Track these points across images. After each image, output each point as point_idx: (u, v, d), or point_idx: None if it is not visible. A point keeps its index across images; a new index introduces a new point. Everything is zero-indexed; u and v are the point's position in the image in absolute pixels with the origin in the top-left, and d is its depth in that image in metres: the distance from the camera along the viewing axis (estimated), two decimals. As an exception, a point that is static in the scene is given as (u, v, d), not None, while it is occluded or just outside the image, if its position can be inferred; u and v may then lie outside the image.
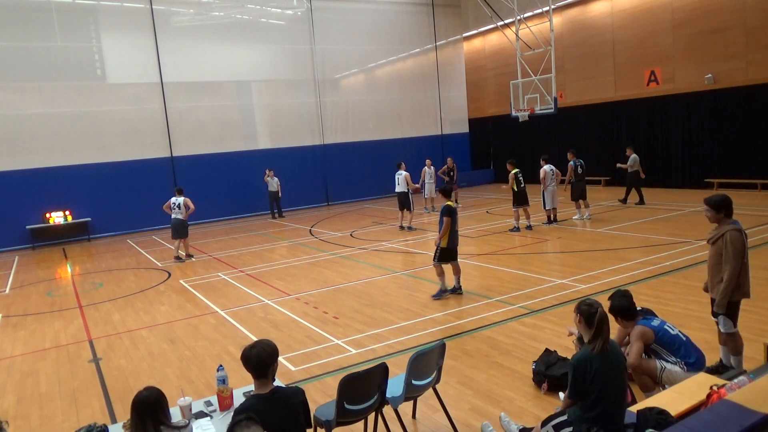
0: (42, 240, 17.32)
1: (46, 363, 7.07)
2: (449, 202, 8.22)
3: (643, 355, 4.73)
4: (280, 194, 19.45)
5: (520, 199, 13.07)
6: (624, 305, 4.72)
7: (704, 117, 17.65)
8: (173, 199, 13.02)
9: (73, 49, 17.96)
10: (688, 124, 18.12)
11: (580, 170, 13.95)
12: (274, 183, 19.28)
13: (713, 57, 17.11)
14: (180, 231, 13.03)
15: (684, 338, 4.73)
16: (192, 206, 13.05)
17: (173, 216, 12.95)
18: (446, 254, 8.21)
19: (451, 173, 18.10)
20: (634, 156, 15.46)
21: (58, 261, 14.94)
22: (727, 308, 4.91)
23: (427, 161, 17.85)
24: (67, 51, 17.82)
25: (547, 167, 13.37)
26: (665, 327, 4.71)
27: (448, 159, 18.67)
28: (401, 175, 14.78)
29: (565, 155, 14.49)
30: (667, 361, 4.62)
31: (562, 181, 14.11)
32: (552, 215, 13.79)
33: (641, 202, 15.59)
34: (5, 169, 17.04)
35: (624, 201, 15.93)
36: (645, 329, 4.65)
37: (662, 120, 18.81)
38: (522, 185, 13.09)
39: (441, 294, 8.32)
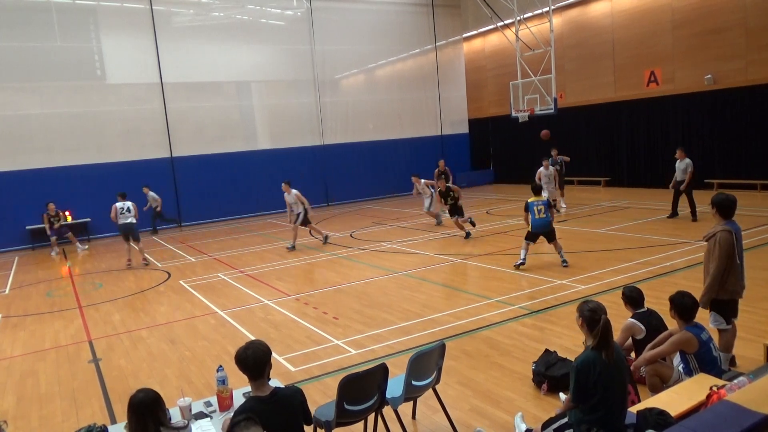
0: (42, 240, 17.27)
1: (45, 363, 7.06)
2: None
3: (665, 359, 4.63)
4: (158, 209, 17.71)
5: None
6: (687, 305, 4.52)
7: (704, 117, 17.64)
8: (119, 204, 12.65)
9: (73, 49, 17.94)
10: (688, 125, 18.10)
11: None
12: (150, 198, 17.62)
13: (713, 57, 17.11)
14: (134, 234, 12.82)
15: (719, 364, 4.53)
16: (135, 209, 12.81)
17: (121, 221, 12.62)
18: None
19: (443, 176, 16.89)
20: (688, 160, 13.05)
21: (58, 261, 14.93)
22: (714, 306, 4.97)
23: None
24: (67, 51, 17.80)
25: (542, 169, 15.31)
26: (711, 345, 4.50)
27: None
28: (290, 196, 13.26)
29: (563, 154, 14.90)
30: (690, 377, 4.39)
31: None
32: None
33: (675, 214, 13.35)
34: (5, 169, 17.03)
35: (694, 217, 12.97)
36: (692, 339, 4.41)
37: (662, 120, 18.81)
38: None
39: None
